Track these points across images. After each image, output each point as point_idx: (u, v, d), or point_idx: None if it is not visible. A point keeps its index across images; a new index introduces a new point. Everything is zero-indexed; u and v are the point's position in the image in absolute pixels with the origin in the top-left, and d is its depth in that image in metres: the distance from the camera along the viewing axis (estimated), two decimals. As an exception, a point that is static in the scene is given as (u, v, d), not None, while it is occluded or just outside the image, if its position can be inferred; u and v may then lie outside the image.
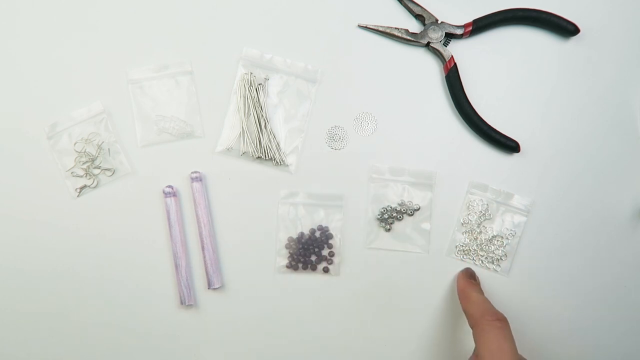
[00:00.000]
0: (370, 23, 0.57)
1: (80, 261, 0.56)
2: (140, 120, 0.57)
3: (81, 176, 0.56)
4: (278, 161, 0.56)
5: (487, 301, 0.50)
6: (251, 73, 0.56)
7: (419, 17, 0.57)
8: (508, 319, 0.46)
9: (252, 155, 0.56)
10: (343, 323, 0.56)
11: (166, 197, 0.55)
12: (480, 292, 0.52)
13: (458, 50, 0.57)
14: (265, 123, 0.56)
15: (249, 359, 0.56)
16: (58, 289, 0.56)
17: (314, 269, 0.56)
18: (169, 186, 0.55)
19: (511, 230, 0.56)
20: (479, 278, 0.55)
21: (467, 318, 0.49)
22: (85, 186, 0.56)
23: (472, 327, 0.48)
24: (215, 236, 0.56)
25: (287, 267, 0.56)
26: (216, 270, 0.55)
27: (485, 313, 0.47)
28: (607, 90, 0.57)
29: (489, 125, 0.55)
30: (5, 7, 0.58)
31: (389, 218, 0.56)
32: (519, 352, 0.45)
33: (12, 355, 0.56)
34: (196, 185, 0.55)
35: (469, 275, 0.54)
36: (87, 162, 0.56)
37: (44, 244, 0.56)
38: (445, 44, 0.57)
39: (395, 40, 0.58)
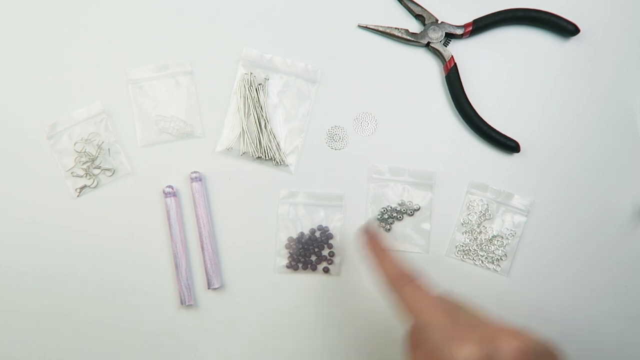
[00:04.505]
0: (370, 23, 0.57)
1: (80, 261, 0.56)
2: (140, 120, 0.57)
3: (81, 176, 0.56)
4: (278, 161, 0.56)
5: (397, 261, 0.46)
6: (251, 73, 0.56)
7: (419, 17, 0.57)
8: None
9: (252, 155, 0.56)
10: (343, 323, 0.56)
11: (166, 197, 0.55)
12: (388, 250, 0.47)
13: (458, 50, 0.57)
14: (265, 123, 0.56)
15: (249, 359, 0.56)
16: (58, 289, 0.56)
17: (314, 269, 0.56)
18: (169, 186, 0.55)
19: (511, 230, 0.56)
20: (381, 231, 0.51)
21: (382, 284, 0.45)
22: (85, 186, 0.56)
23: (389, 293, 0.44)
24: (215, 236, 0.56)
25: (287, 267, 0.56)
26: (216, 270, 0.55)
27: (400, 278, 0.44)
28: (607, 90, 0.57)
29: (489, 125, 0.55)
30: (5, 6, 0.58)
31: (389, 218, 0.56)
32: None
33: (12, 355, 0.56)
34: (196, 185, 0.55)
35: (374, 234, 0.47)
36: (87, 162, 0.56)
37: (44, 244, 0.56)
38: (445, 44, 0.57)
39: (395, 40, 0.58)
